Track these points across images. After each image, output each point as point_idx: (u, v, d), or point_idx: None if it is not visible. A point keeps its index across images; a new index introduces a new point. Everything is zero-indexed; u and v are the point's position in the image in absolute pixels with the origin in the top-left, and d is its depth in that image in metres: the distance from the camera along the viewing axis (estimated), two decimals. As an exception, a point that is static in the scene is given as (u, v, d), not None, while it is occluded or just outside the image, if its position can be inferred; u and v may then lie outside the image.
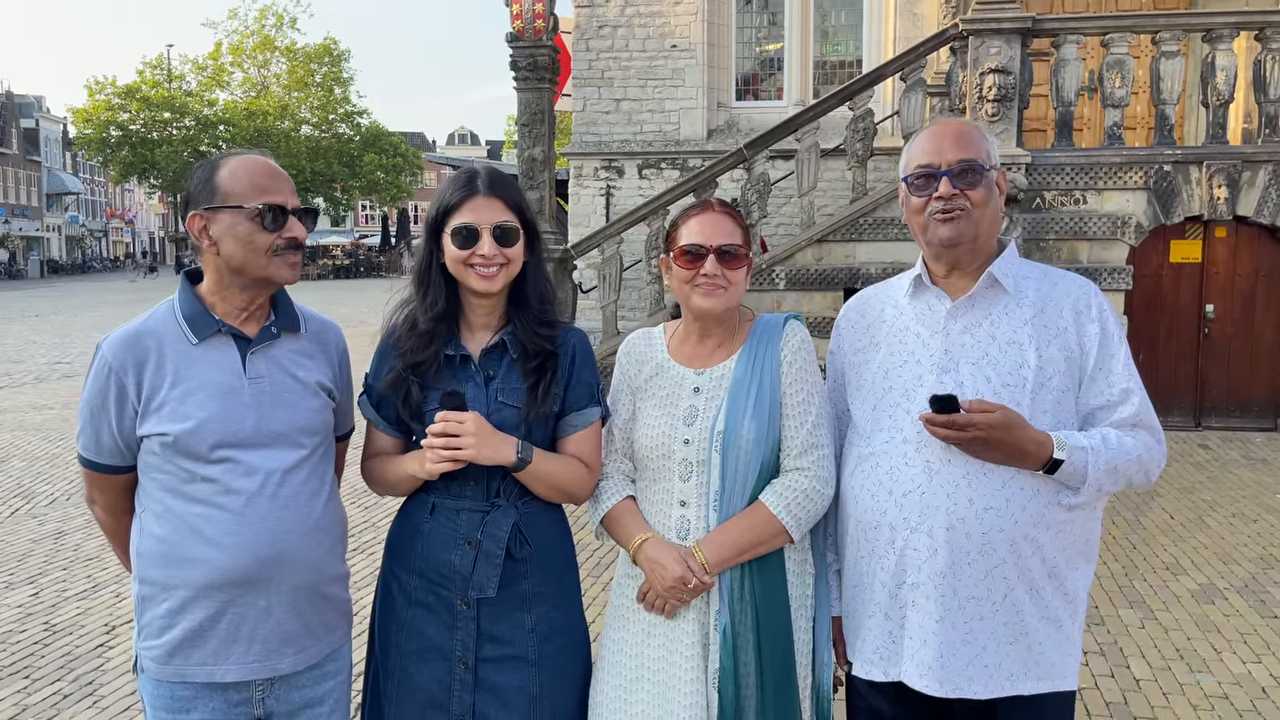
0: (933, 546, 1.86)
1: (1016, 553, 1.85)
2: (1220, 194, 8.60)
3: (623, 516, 2.07)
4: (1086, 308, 1.93)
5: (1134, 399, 1.90)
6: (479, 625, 1.98)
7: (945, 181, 1.91)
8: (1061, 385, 1.90)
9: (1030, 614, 1.88)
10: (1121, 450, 1.86)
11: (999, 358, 1.90)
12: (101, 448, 1.93)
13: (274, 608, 1.89)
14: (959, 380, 1.90)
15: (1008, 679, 1.88)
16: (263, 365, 1.92)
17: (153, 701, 1.91)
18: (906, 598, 1.90)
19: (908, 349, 1.98)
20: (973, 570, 1.86)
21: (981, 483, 1.85)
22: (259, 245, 1.86)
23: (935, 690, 1.87)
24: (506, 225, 1.98)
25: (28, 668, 4.16)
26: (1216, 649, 4.23)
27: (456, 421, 1.88)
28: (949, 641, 1.86)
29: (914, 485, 1.89)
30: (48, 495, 7.02)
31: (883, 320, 2.05)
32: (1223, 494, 6.70)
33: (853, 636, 2.03)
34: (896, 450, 1.92)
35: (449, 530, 1.98)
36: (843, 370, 2.10)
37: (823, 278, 9.25)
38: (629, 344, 2.18)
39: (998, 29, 8.65)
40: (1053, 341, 1.91)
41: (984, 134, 1.99)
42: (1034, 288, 1.96)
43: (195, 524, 1.85)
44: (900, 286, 2.07)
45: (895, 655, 1.93)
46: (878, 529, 1.93)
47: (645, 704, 2.01)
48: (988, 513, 1.85)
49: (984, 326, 1.94)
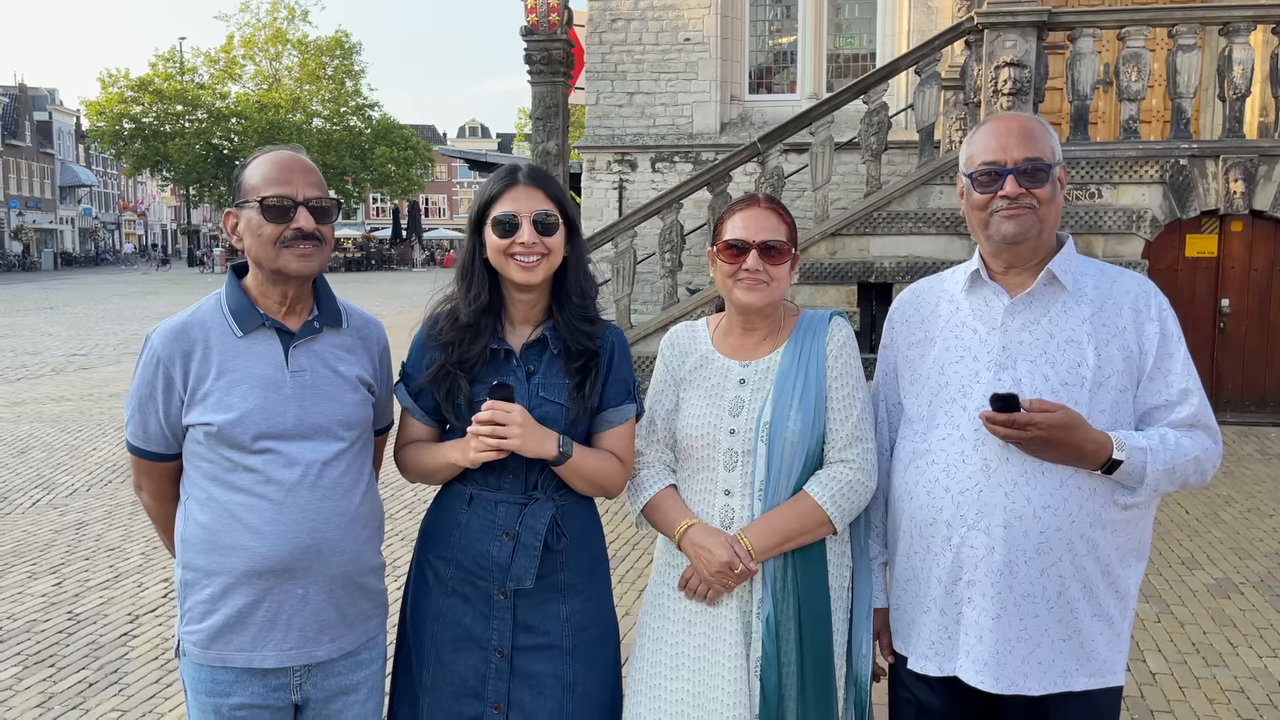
0: (990, 544, 1.87)
1: (1073, 551, 1.86)
2: (1236, 188, 8.57)
3: (666, 504, 2.10)
4: (1146, 306, 1.93)
5: (1193, 399, 1.89)
6: (515, 615, 2.01)
7: (1011, 180, 1.89)
8: (1120, 384, 1.89)
9: (1084, 612, 1.89)
10: (1180, 451, 1.86)
11: (1057, 356, 1.90)
12: (149, 436, 1.97)
13: (311, 596, 1.92)
14: (1017, 378, 1.89)
15: (1061, 675, 1.89)
16: (305, 359, 1.95)
17: (194, 685, 1.95)
18: (963, 594, 1.91)
19: (964, 344, 1.97)
20: (1029, 568, 1.86)
21: (1039, 481, 1.85)
22: (266, 236, 1.88)
23: (991, 686, 1.88)
24: (547, 215, 2.00)
25: (53, 656, 4.22)
26: (1233, 643, 4.24)
27: (504, 411, 1.90)
28: (1005, 638, 1.88)
29: (971, 483, 1.89)
30: (68, 486, 7.09)
31: (938, 315, 2.04)
32: (1238, 489, 6.70)
33: (905, 630, 2.03)
34: (953, 447, 1.92)
35: (487, 521, 2.01)
36: (895, 364, 2.10)
37: (836, 271, 9.26)
38: (672, 336, 2.20)
39: (1013, 22, 8.63)
40: (1111, 340, 1.90)
41: (1048, 129, 1.97)
42: (1092, 285, 1.95)
43: (237, 512, 1.89)
44: (955, 281, 2.05)
45: (951, 650, 1.94)
46: (934, 525, 1.93)
47: (684, 691, 2.04)
48: (1045, 511, 1.85)
49: (1042, 324, 1.92)
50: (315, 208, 1.91)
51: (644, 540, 5.58)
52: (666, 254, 9.70)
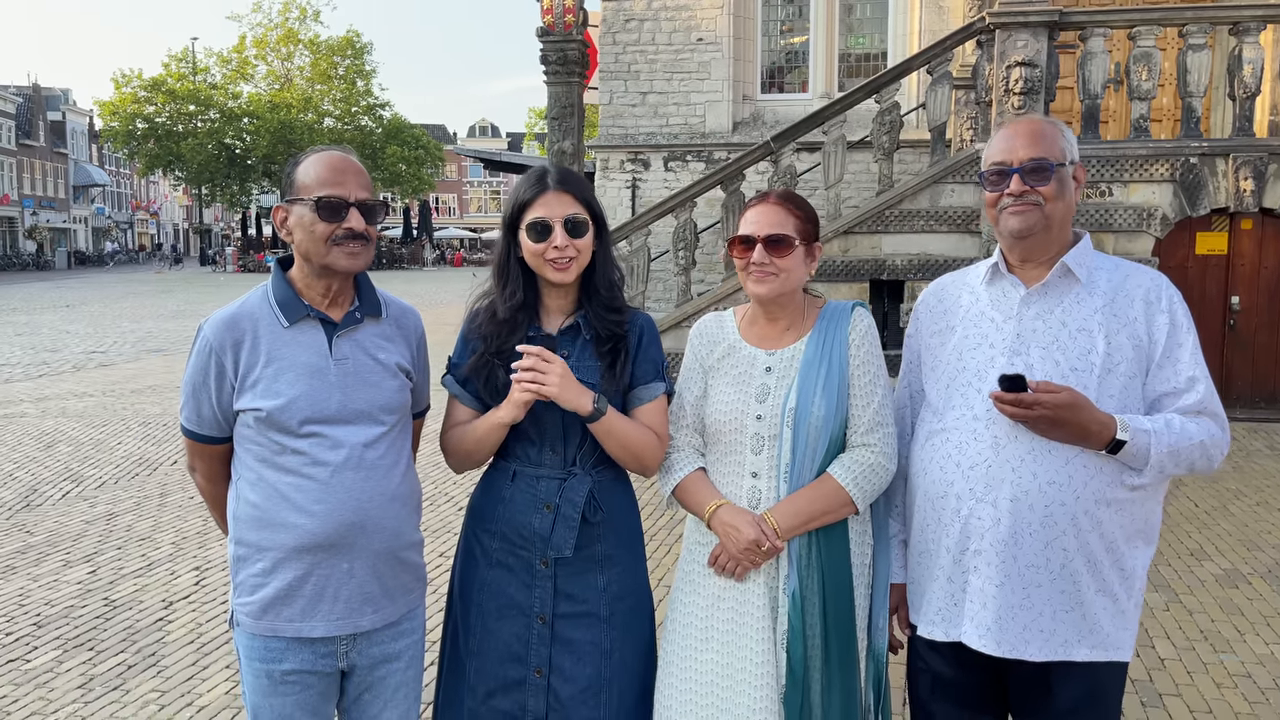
0: (996, 516, 1.97)
1: (1076, 526, 1.95)
2: (1246, 186, 8.64)
3: (695, 485, 2.21)
4: (1157, 299, 2.02)
5: (1199, 387, 1.99)
6: (556, 584, 2.14)
7: (1016, 179, 2.01)
8: (1129, 372, 1.99)
9: (1087, 585, 1.98)
10: (1185, 435, 1.95)
11: (1068, 343, 2.00)
12: (202, 420, 2.08)
13: (356, 570, 2.04)
14: (1029, 363, 2.00)
15: (1061, 644, 1.99)
16: (347, 347, 2.06)
17: (248, 653, 2.08)
18: (969, 563, 2.01)
19: (981, 332, 2.09)
20: (1033, 540, 1.96)
21: (1046, 459, 1.95)
22: (319, 234, 2.00)
23: (992, 650, 1.99)
24: (577, 218, 2.12)
25: (91, 640, 4.35)
26: (1240, 630, 4.33)
27: (545, 360, 2.02)
28: (1007, 605, 1.98)
29: (981, 459, 2.00)
30: (96, 479, 7.24)
31: (959, 305, 2.15)
32: (1247, 483, 6.78)
33: (917, 599, 2.15)
34: (966, 426, 2.03)
35: (529, 495, 2.14)
36: (919, 352, 2.22)
37: (849, 269, 9.35)
38: (701, 326, 2.32)
39: (1024, 22, 8.72)
40: (1122, 330, 2.00)
41: (1059, 130, 2.07)
42: (1105, 278, 2.06)
43: (286, 492, 2.00)
44: (977, 274, 2.17)
45: (956, 617, 2.04)
46: (944, 499, 2.04)
47: (714, 663, 2.15)
48: (1050, 487, 1.95)
49: (1055, 313, 2.03)
50: (365, 208, 2.03)
51: (676, 518, 5.69)
52: (680, 252, 9.81)
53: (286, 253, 2.12)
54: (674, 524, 5.86)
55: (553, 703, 2.14)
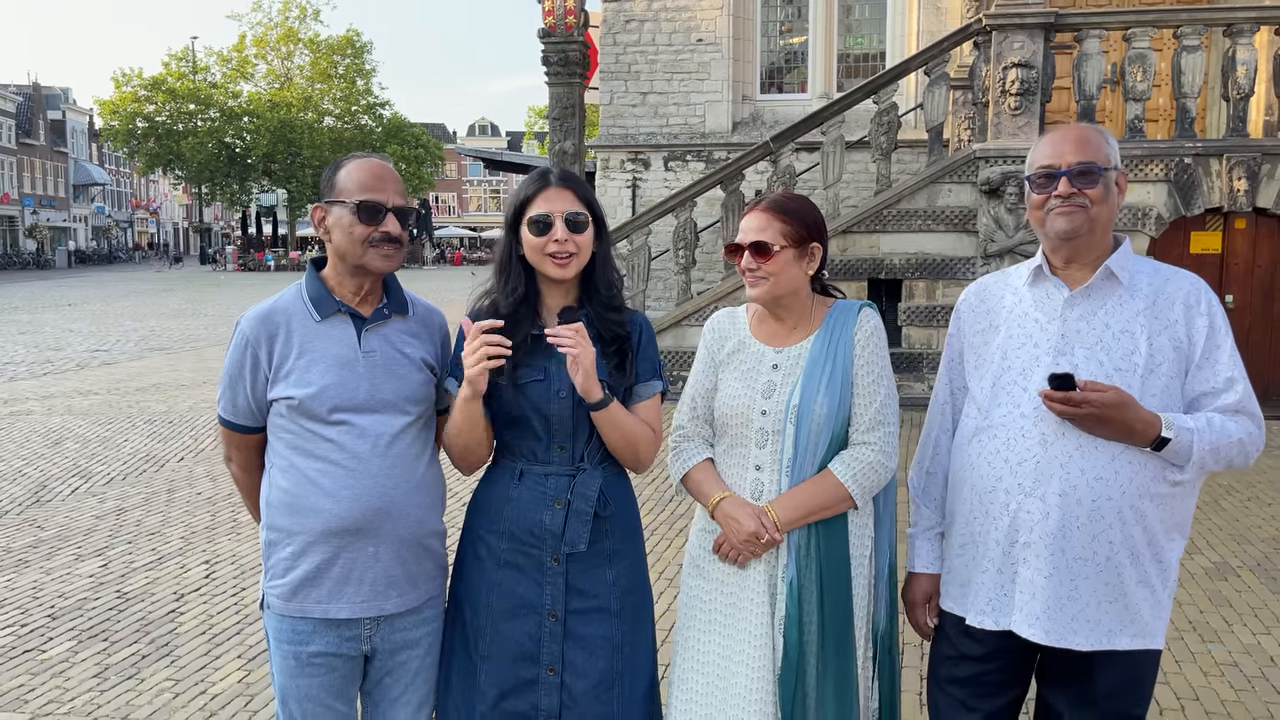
0: (1045, 510, 2.05)
1: (1122, 520, 2.03)
2: (1240, 186, 8.74)
3: (702, 476, 2.30)
4: (1196, 303, 2.08)
5: (1238, 387, 2.06)
6: (568, 580, 2.20)
7: (1064, 181, 2.08)
8: (1170, 372, 2.06)
9: (1129, 577, 2.05)
10: (1225, 433, 2.01)
11: (1112, 344, 2.08)
12: (238, 410, 2.19)
13: (381, 555, 2.14)
14: (1074, 363, 2.08)
15: (1105, 634, 2.07)
16: (375, 341, 2.17)
17: (276, 635, 2.18)
18: (1019, 555, 2.10)
19: (1026, 332, 2.16)
20: (1081, 534, 2.04)
21: (1093, 455, 2.03)
22: (356, 236, 2.11)
23: (1042, 639, 2.08)
24: (577, 214, 2.20)
25: (105, 631, 4.45)
26: (1228, 621, 4.43)
27: (583, 335, 2.09)
28: (1056, 596, 2.06)
29: (1029, 455, 2.07)
30: (104, 475, 7.33)
31: (1002, 305, 2.23)
32: (1240, 479, 6.88)
33: (959, 590, 2.23)
34: (1014, 424, 2.11)
35: (538, 493, 2.21)
36: (961, 350, 2.29)
37: (847, 268, 9.46)
38: (714, 322, 2.41)
39: (1021, 24, 8.82)
40: (1163, 332, 2.05)
41: (1105, 138, 2.14)
42: (1146, 282, 2.13)
43: (315, 478, 2.11)
44: (1020, 275, 2.24)
45: (1006, 607, 2.12)
46: (993, 493, 2.12)
47: (718, 645, 2.26)
48: (1098, 482, 2.03)
49: (1099, 315, 2.10)
50: (400, 213, 2.14)
51: (676, 514, 5.79)
52: (680, 251, 9.91)
53: (321, 254, 2.22)
54: (675, 519, 5.95)
55: (566, 700, 2.19)
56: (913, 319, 9.46)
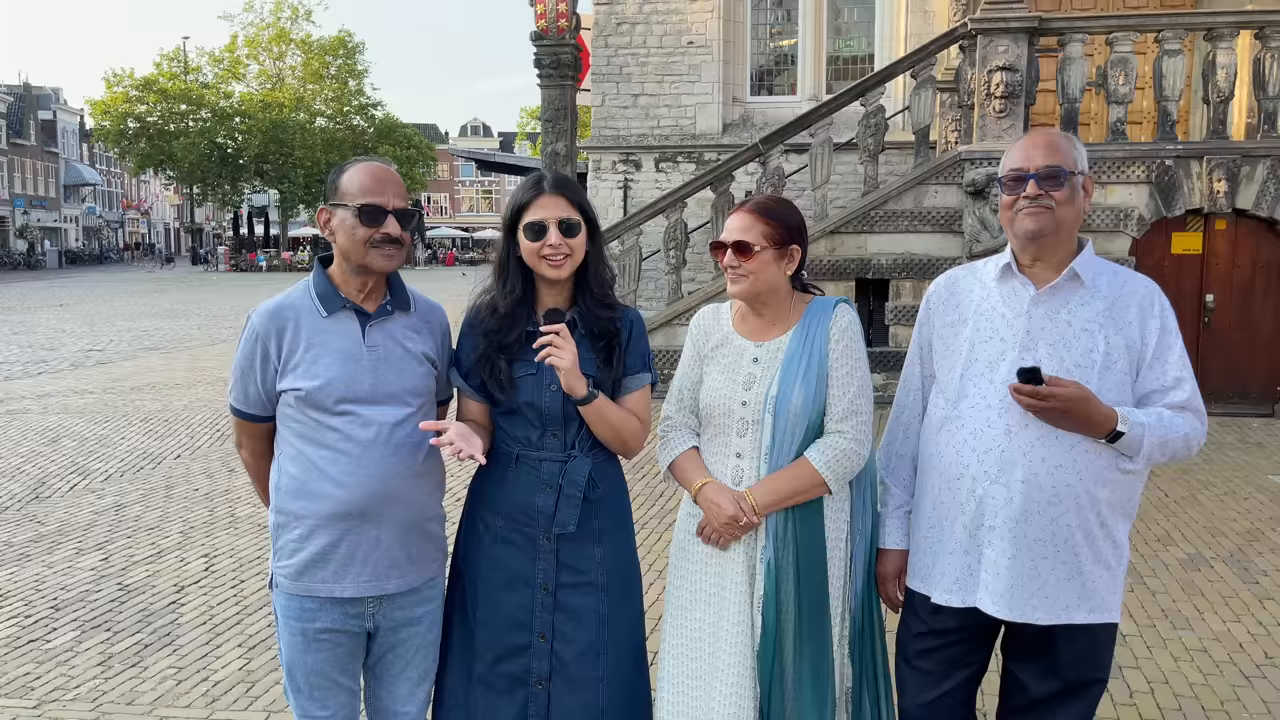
0: (1009, 496, 2.20)
1: (1078, 505, 2.19)
2: (1220, 188, 8.90)
3: (687, 463, 2.44)
4: (1150, 305, 2.21)
5: (1185, 386, 2.21)
6: (559, 557, 2.36)
7: (1032, 183, 2.21)
8: (1123, 369, 2.21)
9: (1086, 556, 2.21)
10: (1172, 428, 2.16)
11: (1073, 342, 2.22)
12: (249, 400, 2.31)
13: (383, 537, 2.26)
14: (1037, 358, 2.21)
15: (1064, 609, 2.22)
16: (379, 336, 2.29)
17: (284, 612, 2.30)
18: (984, 538, 2.24)
19: (993, 327, 2.29)
20: (1041, 517, 2.19)
21: (1053, 445, 2.17)
22: (359, 237, 2.23)
23: (1005, 615, 2.23)
24: (570, 219, 2.34)
25: (108, 622, 4.56)
26: (1199, 609, 4.58)
27: (564, 338, 2.23)
28: (1018, 575, 2.21)
29: (995, 444, 2.21)
30: (102, 472, 7.43)
31: (971, 299, 2.36)
32: (1217, 474, 7.04)
33: (928, 569, 2.36)
34: (980, 414, 2.25)
35: (532, 477, 2.35)
36: (930, 339, 2.42)
37: (835, 268, 9.60)
38: (699, 318, 2.55)
39: (1005, 28, 8.97)
40: (1119, 332, 2.19)
41: (1074, 144, 2.27)
42: (1107, 283, 2.25)
43: (322, 465, 2.23)
44: (988, 271, 2.37)
45: (971, 586, 2.27)
46: (960, 479, 2.27)
47: (702, 622, 2.39)
48: (1058, 470, 2.18)
49: (1062, 314, 2.24)
50: (401, 215, 2.26)
51: (666, 507, 5.91)
52: (671, 251, 10.03)
53: (328, 252, 2.35)
54: (664, 514, 6.08)
55: (555, 664, 2.35)
56: (900, 318, 9.60)
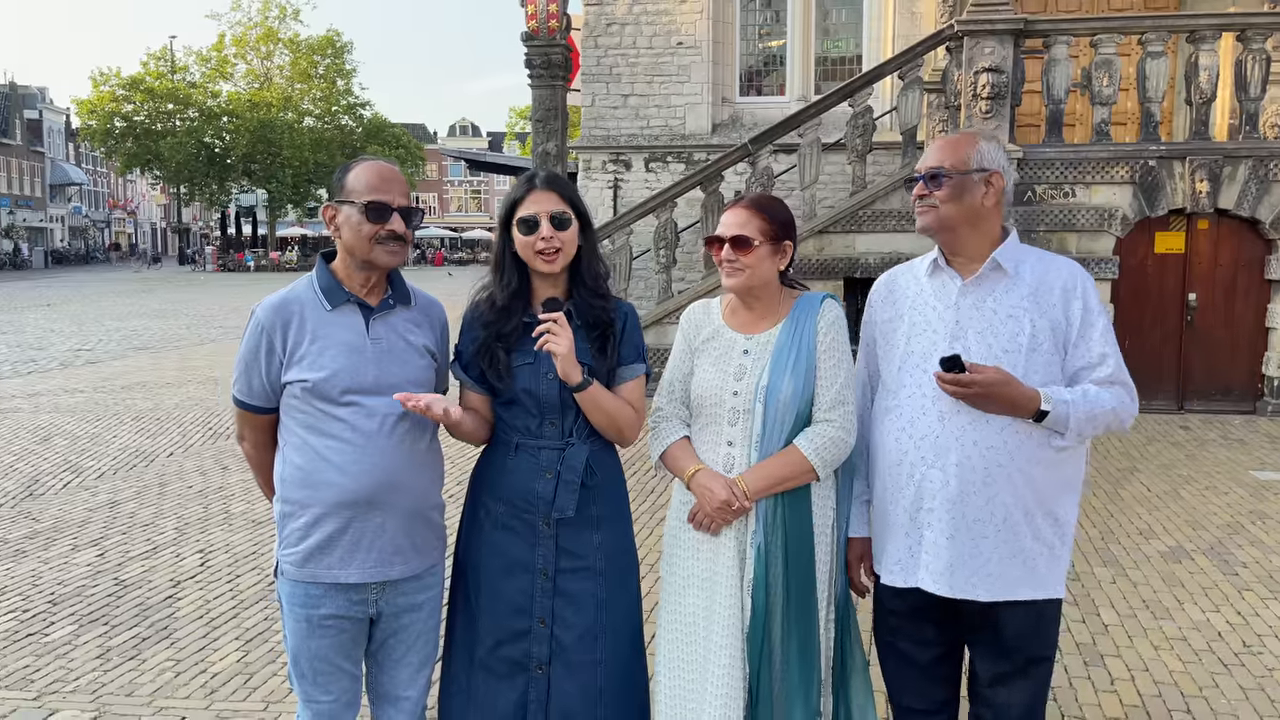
0: (945, 479, 2.30)
1: (1012, 484, 2.29)
2: (1202, 188, 9.03)
3: (679, 452, 2.52)
4: (1073, 288, 2.35)
5: (1109, 361, 2.32)
6: (558, 542, 2.43)
7: (920, 184, 2.38)
8: (1050, 350, 2.32)
9: (1025, 535, 2.31)
10: (1098, 402, 2.28)
11: (1000, 328, 2.33)
12: (253, 392, 2.37)
13: (387, 525, 2.33)
14: (967, 346, 2.33)
15: (1005, 586, 2.32)
16: (381, 329, 2.36)
17: (290, 599, 2.36)
18: (923, 520, 2.35)
19: (925, 319, 2.41)
20: (977, 498, 2.29)
21: (984, 428, 2.28)
22: (364, 234, 2.30)
23: (945, 592, 2.32)
24: (561, 214, 2.42)
25: (105, 616, 4.60)
26: (1180, 600, 4.68)
27: (561, 325, 2.31)
28: (957, 554, 2.31)
29: (929, 430, 2.32)
30: (95, 470, 7.46)
31: (906, 295, 2.48)
32: (1199, 470, 7.15)
33: (879, 552, 2.47)
34: (916, 403, 2.36)
35: (532, 464, 2.43)
36: (874, 337, 2.54)
37: (824, 267, 9.69)
38: (690, 312, 2.63)
39: (991, 30, 9.08)
40: (1044, 315, 2.33)
41: (974, 143, 2.38)
42: (1030, 270, 2.38)
43: (326, 454, 2.29)
44: (921, 267, 2.49)
45: (913, 565, 2.38)
46: (900, 465, 2.38)
47: (693, 606, 2.47)
48: (990, 451, 2.28)
49: (988, 302, 2.36)
50: (405, 213, 2.32)
51: (659, 498, 5.99)
52: (661, 251, 10.11)
53: (329, 248, 2.41)
54: (655, 508, 6.15)
55: (555, 648, 2.42)
56: (887, 317, 9.69)
